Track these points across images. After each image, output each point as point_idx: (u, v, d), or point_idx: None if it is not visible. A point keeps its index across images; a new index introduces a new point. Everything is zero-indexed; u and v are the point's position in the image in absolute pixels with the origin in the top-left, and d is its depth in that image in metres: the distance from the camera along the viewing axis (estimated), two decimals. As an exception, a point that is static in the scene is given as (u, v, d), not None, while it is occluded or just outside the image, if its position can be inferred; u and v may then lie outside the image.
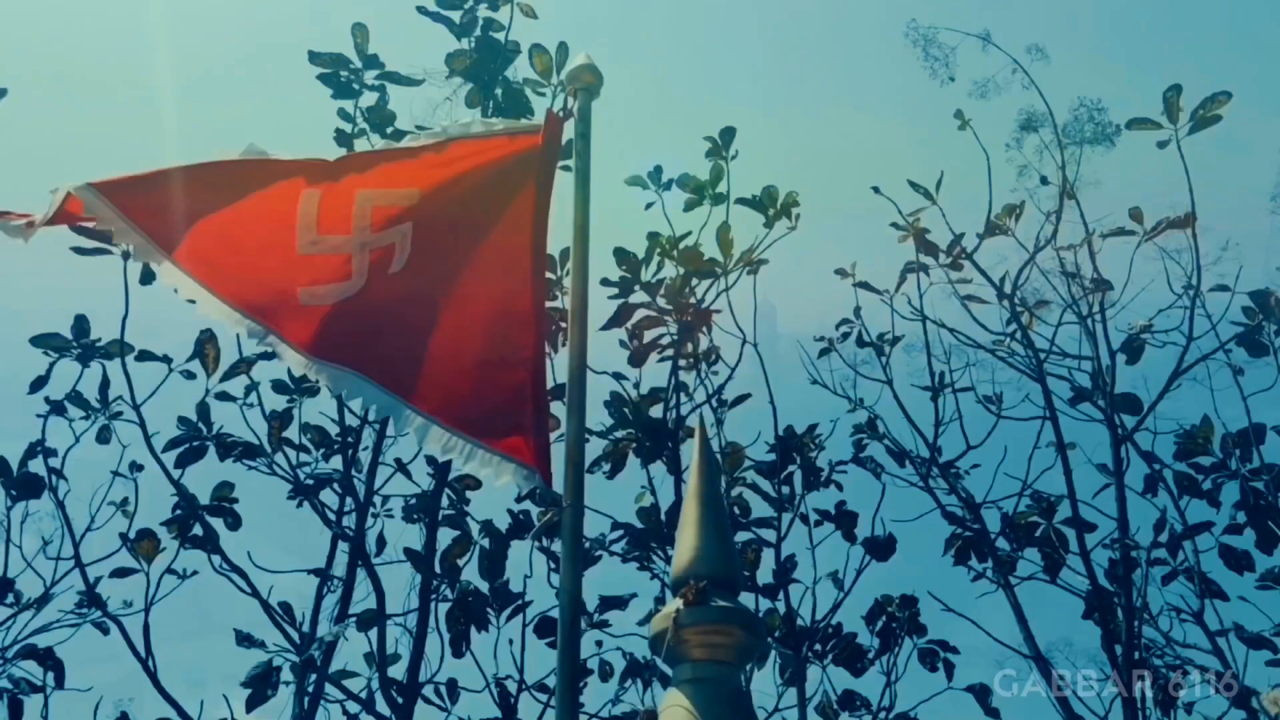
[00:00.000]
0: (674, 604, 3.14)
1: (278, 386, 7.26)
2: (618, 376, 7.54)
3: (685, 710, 2.94)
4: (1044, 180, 8.22)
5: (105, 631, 6.76)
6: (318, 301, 3.69)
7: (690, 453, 3.75)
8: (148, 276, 6.71)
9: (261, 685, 6.43)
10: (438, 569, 6.99)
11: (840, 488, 7.58)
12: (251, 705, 6.62)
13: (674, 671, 3.14)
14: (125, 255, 6.61)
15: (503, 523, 7.17)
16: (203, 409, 7.01)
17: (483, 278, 3.73)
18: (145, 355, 6.88)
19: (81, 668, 6.86)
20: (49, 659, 6.68)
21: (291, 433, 7.23)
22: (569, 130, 4.02)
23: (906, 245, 8.14)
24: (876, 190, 8.12)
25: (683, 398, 7.59)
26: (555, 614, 6.88)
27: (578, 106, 4.02)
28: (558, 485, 3.48)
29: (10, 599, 6.88)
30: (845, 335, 8.22)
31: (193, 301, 3.79)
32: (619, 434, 7.45)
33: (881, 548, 7.23)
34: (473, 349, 3.65)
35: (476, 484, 7.32)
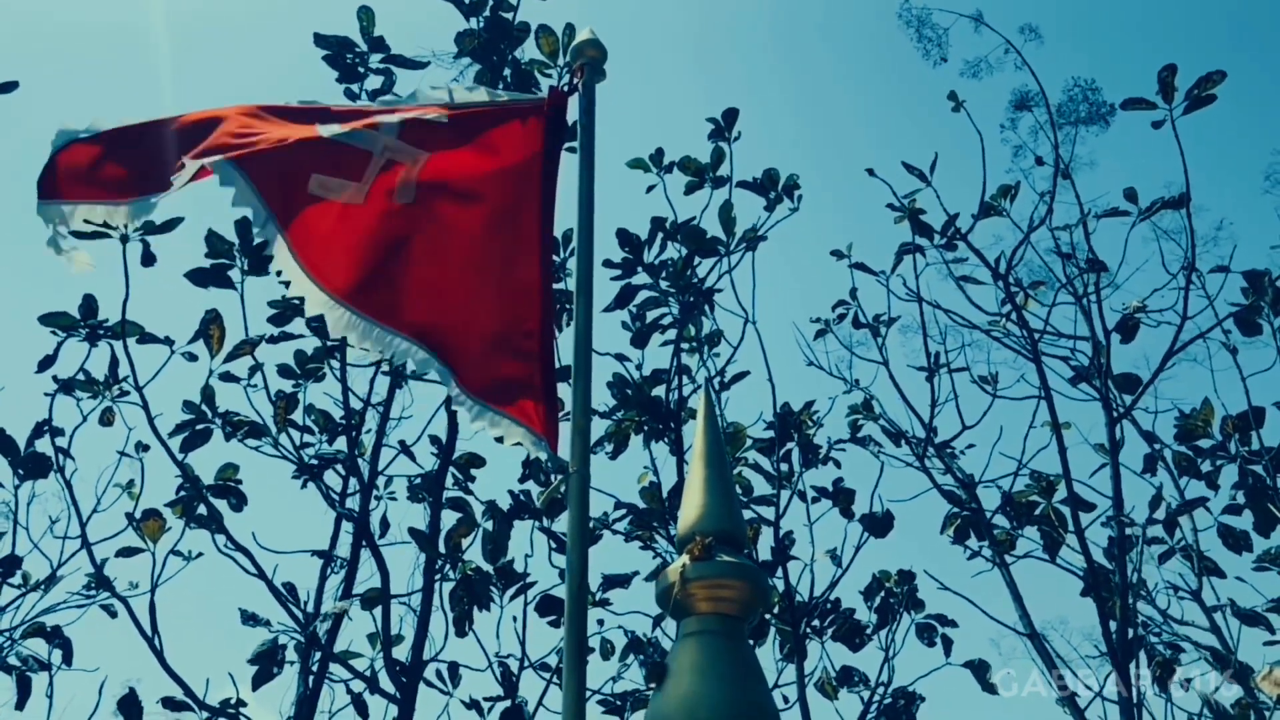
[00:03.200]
0: (681, 560, 3.22)
1: (283, 371, 7.31)
2: (620, 358, 7.62)
3: (692, 661, 3.03)
4: (1039, 161, 8.29)
5: (113, 615, 6.81)
6: (325, 194, 3.64)
7: (692, 434, 3.80)
8: (148, 259, 6.77)
9: (267, 663, 6.49)
10: (442, 549, 7.05)
11: (839, 465, 7.66)
12: (257, 684, 6.68)
13: (680, 625, 3.23)
14: (124, 239, 6.66)
15: (505, 503, 7.23)
16: (207, 392, 7.05)
17: (491, 245, 3.76)
18: (147, 337, 6.91)
19: (89, 647, 6.92)
20: (56, 637, 6.74)
21: (295, 415, 7.28)
22: (573, 108, 4.06)
23: (902, 227, 8.21)
24: (871, 172, 8.19)
25: (685, 380, 7.66)
26: (557, 593, 6.99)
27: (582, 81, 4.05)
28: (564, 453, 3.53)
29: (19, 579, 6.94)
30: (841, 317, 8.29)
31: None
32: (621, 415, 7.51)
33: (880, 524, 7.29)
34: (481, 315, 3.69)
35: (480, 463, 7.39)
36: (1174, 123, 7.57)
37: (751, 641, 3.53)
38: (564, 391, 4.01)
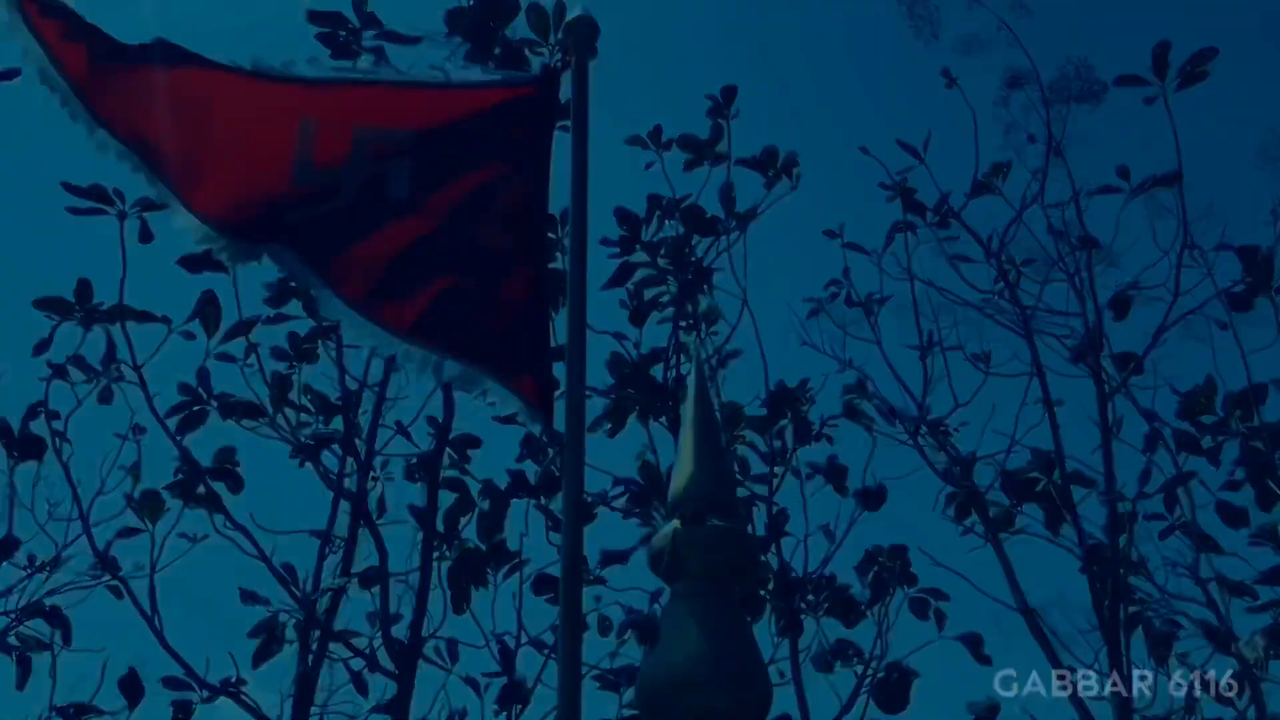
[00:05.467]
0: (673, 524, 3.28)
1: (277, 354, 7.32)
2: (618, 336, 7.63)
3: (683, 621, 3.09)
4: (1031, 138, 8.27)
5: (119, 596, 6.82)
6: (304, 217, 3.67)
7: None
8: (146, 235, 6.78)
9: (267, 638, 6.54)
10: (440, 528, 7.08)
11: (831, 441, 7.69)
12: (257, 662, 6.73)
13: (672, 587, 3.29)
14: (121, 215, 6.67)
15: (502, 482, 7.26)
16: (203, 374, 7.06)
17: (483, 222, 3.79)
18: (145, 316, 6.91)
19: (93, 628, 6.95)
20: (55, 617, 6.76)
21: (292, 395, 7.29)
22: (565, 85, 4.07)
23: (895, 205, 8.19)
24: (865, 150, 8.18)
25: (682, 358, 7.67)
26: (552, 571, 7.02)
27: (574, 58, 4.06)
28: (559, 426, 3.56)
29: (24, 561, 6.95)
30: (834, 296, 8.26)
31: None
32: (619, 393, 7.53)
33: (873, 497, 7.32)
34: (475, 292, 3.72)
35: (477, 443, 7.41)
36: (1167, 99, 7.57)
37: (749, 619, 3.59)
38: (560, 372, 4.04)
